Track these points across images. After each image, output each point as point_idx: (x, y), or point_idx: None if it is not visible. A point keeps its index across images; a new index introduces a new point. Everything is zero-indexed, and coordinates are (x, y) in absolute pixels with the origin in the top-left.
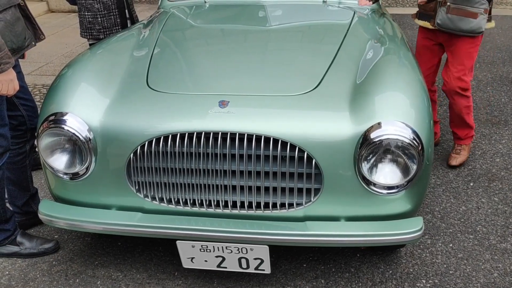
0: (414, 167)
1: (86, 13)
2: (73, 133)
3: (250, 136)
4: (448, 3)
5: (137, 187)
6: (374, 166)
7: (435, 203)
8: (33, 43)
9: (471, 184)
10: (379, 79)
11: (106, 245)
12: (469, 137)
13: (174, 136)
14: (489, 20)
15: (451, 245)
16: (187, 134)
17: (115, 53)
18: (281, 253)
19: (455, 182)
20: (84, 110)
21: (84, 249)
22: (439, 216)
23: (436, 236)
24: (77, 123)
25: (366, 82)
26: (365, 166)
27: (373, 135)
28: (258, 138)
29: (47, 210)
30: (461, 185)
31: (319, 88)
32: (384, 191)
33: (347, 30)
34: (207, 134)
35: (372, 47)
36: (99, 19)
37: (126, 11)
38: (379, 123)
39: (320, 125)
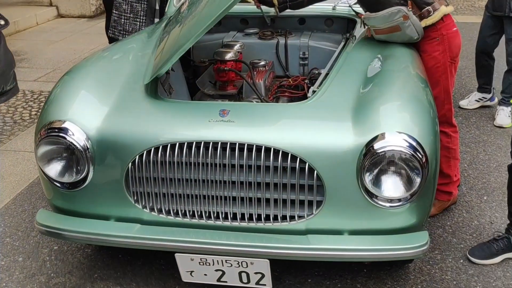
0: (418, 180)
1: (114, 11)
2: (71, 142)
3: (250, 146)
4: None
5: (135, 198)
6: (377, 178)
7: (447, 217)
8: None
9: (485, 198)
10: (383, 89)
11: (106, 257)
12: (443, 193)
13: (173, 146)
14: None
15: (461, 261)
16: (186, 143)
17: (117, 59)
18: (285, 267)
19: (468, 195)
20: (82, 119)
21: (84, 261)
22: (450, 230)
23: (446, 251)
24: (75, 131)
25: (370, 92)
26: (368, 178)
27: (376, 146)
28: (259, 148)
29: (43, 220)
30: (474, 198)
31: (322, 97)
32: (388, 204)
33: (354, 38)
34: (206, 143)
35: (378, 56)
36: (123, 20)
37: (156, 20)
38: (382, 134)
39: (322, 136)
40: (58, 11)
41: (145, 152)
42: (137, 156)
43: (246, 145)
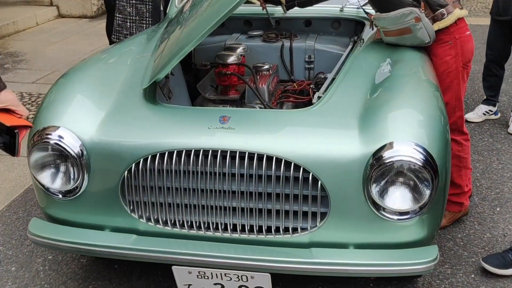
0: (428, 192)
1: (118, 15)
2: (65, 149)
3: (251, 155)
4: (378, 28)
5: (131, 207)
6: (384, 189)
7: (458, 229)
8: None
9: (498, 209)
10: (392, 95)
11: (102, 268)
12: (454, 203)
13: (171, 154)
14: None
15: (473, 275)
16: (184, 151)
17: (115, 62)
18: (288, 281)
19: (480, 206)
20: (77, 125)
21: (79, 272)
22: (461, 243)
23: (457, 265)
24: (69, 138)
25: (378, 98)
26: (374, 189)
27: (384, 156)
28: (260, 156)
29: (36, 230)
30: (486, 210)
31: (327, 103)
32: (395, 217)
33: (362, 41)
34: (206, 151)
35: (387, 60)
36: (128, 23)
37: None
38: (391, 143)
39: (327, 144)
40: (58, 11)
41: (141, 160)
42: (134, 164)
43: (247, 153)
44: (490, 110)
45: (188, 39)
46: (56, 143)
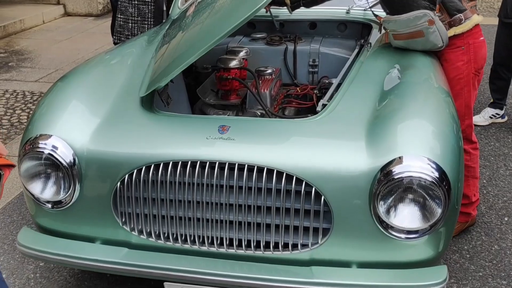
0: (439, 210)
1: (119, 16)
2: (56, 159)
3: (251, 167)
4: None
5: (123, 219)
6: (392, 206)
7: (464, 241)
8: None
9: (506, 219)
10: (402, 104)
11: (94, 276)
12: (461, 214)
13: (166, 164)
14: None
15: None
16: (180, 162)
17: (113, 66)
18: None
19: (487, 216)
20: (70, 133)
21: (70, 280)
22: (467, 256)
23: (463, 280)
24: (61, 147)
25: (387, 107)
26: (381, 207)
27: (393, 171)
28: (261, 169)
29: (25, 240)
30: (494, 219)
31: (332, 112)
32: (403, 235)
33: (369, 45)
34: (203, 163)
35: (397, 66)
36: (130, 24)
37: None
38: (400, 158)
39: (332, 157)
40: (65, 10)
41: (135, 170)
42: (127, 175)
43: (246, 165)
44: (497, 113)
45: (192, 49)
46: (48, 153)
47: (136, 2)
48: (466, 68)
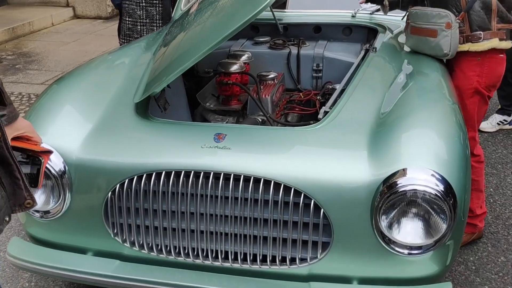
0: (444, 225)
1: (127, 19)
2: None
3: (247, 177)
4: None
5: (115, 230)
6: (395, 221)
7: (470, 252)
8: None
9: None
10: (407, 112)
11: (90, 285)
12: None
13: (159, 174)
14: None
15: None
16: (173, 172)
17: (111, 70)
18: None
19: (494, 226)
20: (61, 140)
21: None
22: (473, 268)
23: None
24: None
25: (391, 115)
26: (384, 221)
27: (395, 183)
28: (257, 179)
29: (15, 251)
30: (500, 230)
31: (334, 120)
32: (406, 251)
33: (374, 50)
34: (197, 173)
35: (403, 72)
36: (139, 27)
37: None
38: (404, 170)
39: (332, 167)
40: (74, 12)
41: (127, 180)
42: (118, 185)
43: (242, 176)
44: (504, 120)
45: (189, 54)
46: None
47: (144, 4)
48: (476, 80)
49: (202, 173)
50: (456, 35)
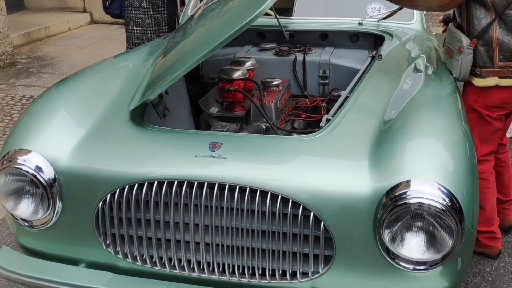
0: (450, 241)
1: (135, 28)
2: (35, 176)
3: (243, 188)
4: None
5: (107, 241)
6: (399, 235)
7: (486, 261)
8: None
9: None
10: (412, 121)
11: None
12: (487, 239)
13: (151, 183)
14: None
15: None
16: (166, 181)
17: (110, 76)
18: None
19: (511, 235)
20: (51, 148)
21: None
22: (489, 279)
23: None
24: (41, 164)
25: (395, 124)
26: (387, 235)
27: (399, 196)
28: (253, 189)
29: (3, 261)
30: None
31: (336, 129)
32: (411, 266)
33: (379, 57)
34: (191, 182)
35: (408, 81)
36: (149, 35)
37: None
38: (407, 182)
39: (332, 178)
40: (91, 17)
41: (118, 190)
42: (109, 194)
43: (238, 186)
44: None
45: (184, 60)
46: (26, 170)
47: (151, 12)
48: (473, 99)
49: (196, 183)
50: (467, 61)
